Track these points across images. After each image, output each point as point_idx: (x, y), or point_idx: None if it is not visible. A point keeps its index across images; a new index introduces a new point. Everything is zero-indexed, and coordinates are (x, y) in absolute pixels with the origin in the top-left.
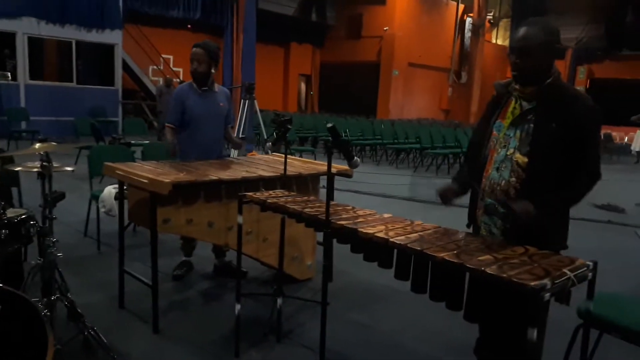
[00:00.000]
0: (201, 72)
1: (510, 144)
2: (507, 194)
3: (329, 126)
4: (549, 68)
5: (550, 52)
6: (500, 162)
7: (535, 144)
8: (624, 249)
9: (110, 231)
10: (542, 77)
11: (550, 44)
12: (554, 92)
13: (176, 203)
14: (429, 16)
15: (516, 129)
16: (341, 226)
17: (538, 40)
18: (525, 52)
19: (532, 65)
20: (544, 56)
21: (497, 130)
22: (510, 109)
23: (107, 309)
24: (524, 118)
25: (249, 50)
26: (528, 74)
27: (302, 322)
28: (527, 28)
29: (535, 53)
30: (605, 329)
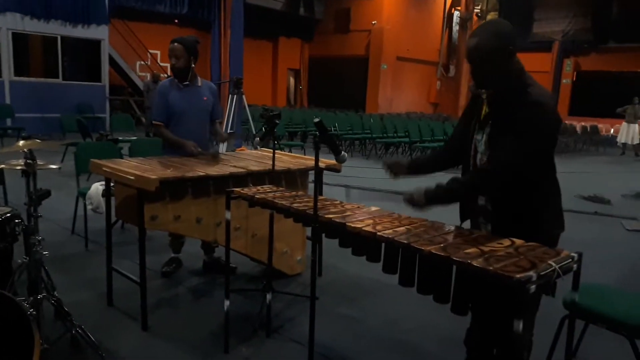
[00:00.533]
0: (180, 67)
1: (479, 148)
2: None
3: (315, 121)
4: (507, 70)
5: (502, 55)
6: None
7: (491, 147)
8: (609, 240)
9: (98, 229)
10: (500, 80)
11: (501, 48)
12: (507, 94)
13: (163, 199)
14: (417, 10)
15: (482, 133)
16: (329, 220)
17: (488, 48)
18: (477, 60)
19: (486, 71)
20: (498, 61)
21: (472, 134)
22: (483, 112)
23: (95, 307)
24: (487, 121)
25: (237, 45)
26: (485, 80)
27: (292, 317)
28: (476, 38)
29: (487, 60)
30: (591, 319)
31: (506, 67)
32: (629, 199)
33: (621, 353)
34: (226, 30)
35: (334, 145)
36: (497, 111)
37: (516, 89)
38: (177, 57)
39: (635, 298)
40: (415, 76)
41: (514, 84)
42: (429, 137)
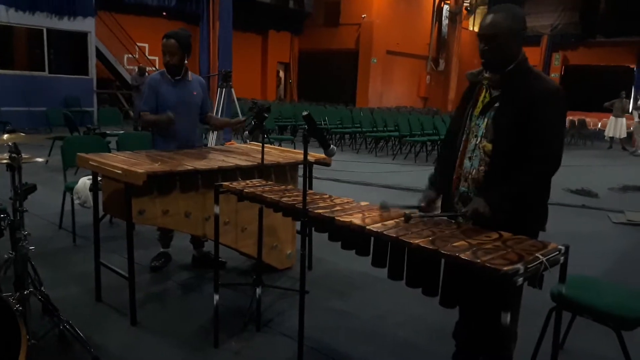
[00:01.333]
0: (174, 63)
1: (478, 133)
2: (478, 182)
3: (304, 114)
4: (517, 54)
5: (516, 38)
6: (472, 151)
7: (497, 130)
8: (597, 233)
9: (86, 223)
10: (509, 63)
11: (517, 30)
12: (517, 77)
13: (151, 194)
14: (406, 3)
15: (484, 117)
16: (318, 215)
17: (504, 26)
18: (492, 39)
19: (499, 52)
20: (511, 42)
21: (470, 121)
22: (482, 98)
23: (83, 302)
24: (491, 106)
25: (226, 38)
26: (496, 61)
27: (282, 311)
28: (494, 15)
29: (502, 40)
30: (578, 311)
31: (518, 51)
32: (615, 192)
33: (607, 344)
34: (215, 23)
35: (323, 139)
36: (507, 95)
37: (529, 75)
38: (171, 54)
39: (621, 290)
40: (405, 70)
41: (525, 69)
42: (419, 131)
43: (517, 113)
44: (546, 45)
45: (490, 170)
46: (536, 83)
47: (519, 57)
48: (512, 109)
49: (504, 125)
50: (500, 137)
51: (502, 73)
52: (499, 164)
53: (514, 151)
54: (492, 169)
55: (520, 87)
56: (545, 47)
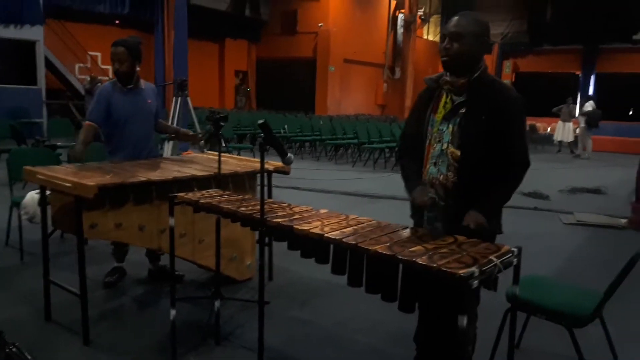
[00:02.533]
0: (124, 71)
1: (444, 139)
2: (446, 188)
3: (260, 123)
4: (478, 60)
5: (479, 43)
6: (437, 157)
7: (466, 136)
8: (548, 234)
9: (35, 239)
10: (470, 67)
11: (480, 35)
12: (482, 84)
13: (103, 207)
14: (362, 12)
15: (448, 123)
16: (277, 224)
17: (470, 28)
18: (456, 37)
19: (461, 51)
20: (474, 45)
21: (431, 126)
22: (442, 103)
23: (32, 323)
24: (456, 112)
25: (181, 46)
26: (457, 60)
27: (242, 323)
28: (461, 17)
29: (466, 40)
30: (532, 311)
31: (480, 57)
32: (565, 194)
33: (561, 342)
34: (170, 31)
35: (280, 147)
36: (475, 100)
37: (493, 83)
38: (120, 61)
39: (572, 289)
40: (362, 78)
41: (488, 76)
42: (377, 138)
43: (486, 120)
44: (497, 53)
45: (459, 176)
46: (503, 92)
47: (482, 65)
48: (481, 116)
49: (472, 132)
50: (468, 144)
51: (467, 79)
52: (468, 169)
53: (482, 157)
54: (461, 175)
55: (487, 95)
56: (496, 54)
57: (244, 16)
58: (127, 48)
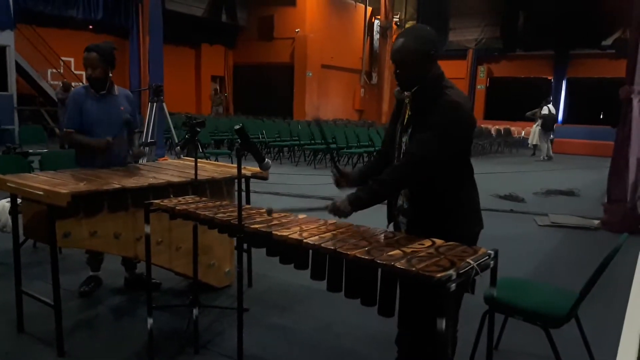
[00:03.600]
0: (96, 77)
1: (403, 149)
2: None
3: (236, 128)
4: (427, 73)
5: (424, 59)
6: None
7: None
8: (524, 235)
9: (6, 249)
10: (420, 82)
11: (423, 52)
12: (423, 95)
13: (77, 215)
14: (338, 18)
15: (406, 134)
16: (255, 230)
17: (411, 50)
18: (400, 63)
19: (408, 73)
20: (419, 64)
21: (399, 137)
22: (406, 115)
23: (3, 335)
24: (409, 123)
25: (156, 51)
26: (407, 82)
27: (221, 331)
28: (401, 40)
29: (410, 62)
30: (509, 312)
31: (426, 70)
32: (539, 196)
33: (538, 342)
34: (145, 36)
35: (257, 153)
36: (417, 112)
37: (434, 91)
38: (92, 67)
39: (548, 289)
40: (340, 84)
41: (433, 86)
42: (355, 142)
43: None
44: (472, 58)
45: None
46: (440, 99)
47: (431, 75)
48: (422, 126)
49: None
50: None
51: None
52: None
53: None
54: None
55: (428, 105)
56: (471, 60)
57: (220, 21)
58: (99, 54)
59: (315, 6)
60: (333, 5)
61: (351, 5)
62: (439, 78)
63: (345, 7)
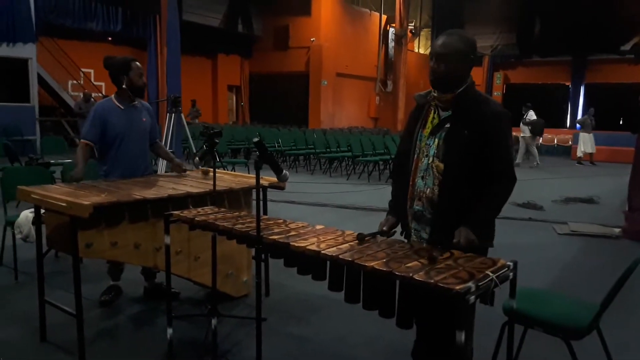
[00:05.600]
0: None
1: (430, 152)
2: (432, 201)
3: (255, 141)
4: (465, 76)
5: (465, 61)
6: (424, 170)
7: (449, 150)
8: (543, 244)
9: (29, 258)
10: (457, 84)
11: (466, 53)
12: (466, 99)
13: (99, 226)
14: (353, 27)
15: (435, 138)
16: (273, 241)
17: (455, 48)
18: (442, 58)
19: (448, 71)
20: (460, 64)
21: (419, 141)
22: (430, 118)
23: (27, 344)
24: (442, 126)
25: (174, 62)
26: (444, 79)
27: (239, 341)
28: (447, 37)
29: (452, 60)
30: (529, 323)
31: (467, 74)
32: (558, 204)
33: (559, 354)
34: (162, 47)
35: (275, 165)
36: (458, 116)
37: (477, 98)
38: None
39: (568, 301)
40: (355, 92)
41: (474, 92)
42: (371, 151)
43: (469, 134)
44: (488, 65)
45: (442, 189)
46: (486, 106)
47: (468, 81)
48: (464, 130)
49: (455, 145)
50: (452, 157)
51: (453, 94)
52: (450, 182)
53: (464, 170)
54: (444, 188)
55: (471, 109)
56: (487, 67)
57: (236, 32)
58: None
59: (330, 15)
60: (348, 14)
61: (366, 13)
62: (474, 85)
63: (359, 15)
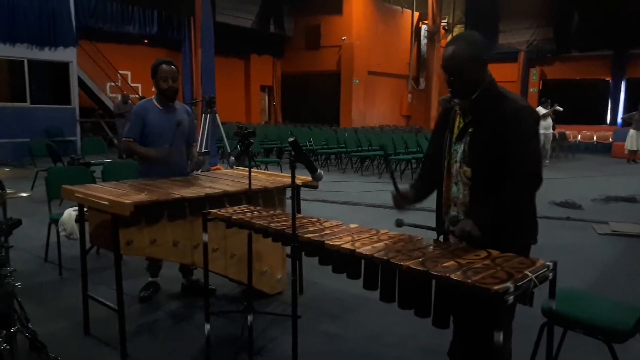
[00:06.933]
0: (175, 88)
1: (458, 158)
2: (465, 206)
3: (290, 141)
4: (480, 78)
5: (477, 63)
6: (455, 176)
7: (473, 154)
8: (582, 245)
9: (72, 255)
10: (474, 88)
11: (476, 56)
12: (484, 101)
13: (139, 224)
14: (385, 25)
15: (461, 143)
16: (308, 239)
17: (463, 56)
18: (453, 69)
19: (462, 80)
20: (473, 69)
21: (449, 146)
22: (457, 123)
23: (71, 337)
24: (466, 131)
25: (208, 63)
26: (462, 89)
27: (274, 337)
28: (453, 47)
29: (463, 68)
30: (569, 325)
31: (481, 76)
32: (598, 203)
33: (599, 357)
34: (197, 49)
35: (310, 164)
36: (478, 120)
37: (495, 98)
38: (173, 79)
39: (610, 302)
40: (386, 90)
41: (492, 92)
42: (403, 149)
43: (490, 136)
44: (523, 60)
45: (472, 193)
46: (505, 104)
47: (484, 82)
48: (484, 132)
49: (479, 149)
50: (477, 161)
51: (470, 100)
52: (479, 186)
53: (492, 173)
54: (474, 192)
55: (489, 110)
56: (522, 62)
57: (268, 32)
58: (176, 67)
59: (362, 14)
60: (379, 12)
61: (397, 11)
62: (493, 83)
63: (391, 13)
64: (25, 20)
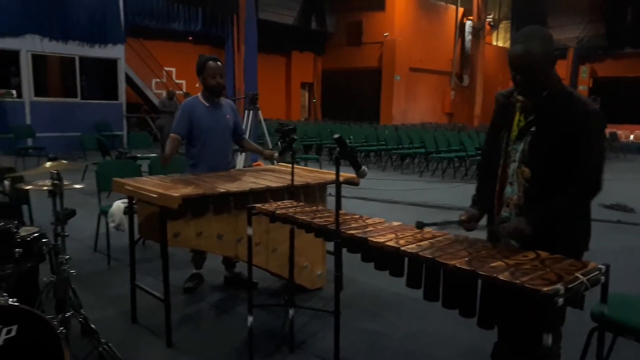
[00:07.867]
0: (223, 85)
1: (516, 158)
2: (519, 207)
3: (335, 137)
4: (550, 76)
5: (549, 61)
6: (512, 176)
7: (535, 155)
8: (634, 249)
9: (120, 246)
10: (546, 86)
11: (547, 54)
12: (553, 101)
13: (186, 216)
14: (428, 20)
15: (521, 142)
16: (351, 236)
17: (537, 55)
18: (526, 68)
19: (534, 79)
20: (545, 67)
21: (506, 144)
22: (516, 121)
23: (120, 324)
24: (527, 130)
25: (251, 60)
26: (532, 88)
27: (315, 332)
28: (524, 44)
29: (537, 67)
30: (620, 331)
31: (551, 73)
32: None
33: None
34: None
35: (354, 161)
36: (545, 118)
37: (567, 97)
38: (220, 76)
39: None
40: (428, 86)
41: (561, 91)
42: (445, 147)
43: (558, 138)
44: (572, 58)
45: (528, 195)
46: (575, 106)
47: (553, 79)
48: (551, 133)
49: (542, 150)
50: (538, 162)
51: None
52: (537, 188)
53: (552, 176)
54: (531, 194)
55: (558, 111)
56: (571, 59)
57: (310, 29)
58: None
59: (404, 10)
60: (422, 8)
61: (441, 6)
62: (561, 81)
63: (435, 8)
64: (77, 19)
